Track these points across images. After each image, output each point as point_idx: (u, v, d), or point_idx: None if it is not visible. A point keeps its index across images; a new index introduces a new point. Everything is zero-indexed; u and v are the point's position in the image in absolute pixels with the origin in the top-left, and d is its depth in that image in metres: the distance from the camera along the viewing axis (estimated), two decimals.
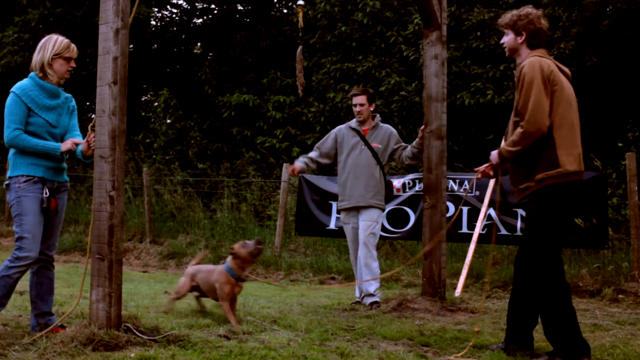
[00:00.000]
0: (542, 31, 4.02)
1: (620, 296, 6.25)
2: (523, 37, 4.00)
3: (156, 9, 16.60)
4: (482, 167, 4.35)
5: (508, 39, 4.09)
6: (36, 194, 4.00)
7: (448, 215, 6.93)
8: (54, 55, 4.11)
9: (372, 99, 6.02)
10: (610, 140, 10.18)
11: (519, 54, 4.06)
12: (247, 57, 14.18)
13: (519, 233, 6.84)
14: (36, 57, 4.13)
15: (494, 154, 4.08)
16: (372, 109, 5.98)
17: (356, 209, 5.86)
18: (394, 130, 6.03)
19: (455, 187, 7.24)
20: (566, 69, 4.03)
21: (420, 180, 7.30)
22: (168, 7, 17.32)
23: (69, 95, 4.40)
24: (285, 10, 16.00)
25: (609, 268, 6.76)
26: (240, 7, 16.74)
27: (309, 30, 12.95)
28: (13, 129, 3.99)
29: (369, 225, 5.79)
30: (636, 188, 6.75)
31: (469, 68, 10.82)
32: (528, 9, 4.06)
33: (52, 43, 4.13)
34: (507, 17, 4.10)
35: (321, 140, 6.17)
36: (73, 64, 4.24)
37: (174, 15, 17.71)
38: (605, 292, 6.30)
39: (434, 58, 5.80)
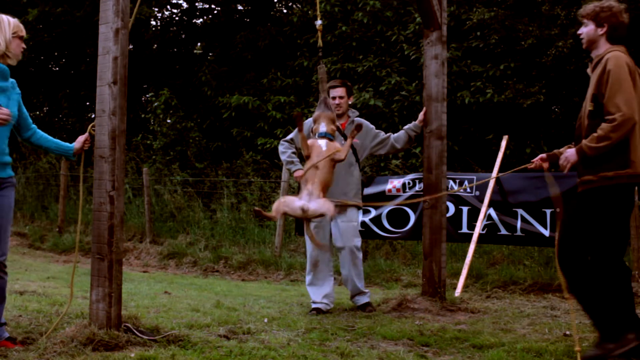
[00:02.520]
0: (623, 25, 3.92)
1: None
2: (604, 30, 3.90)
3: (156, 9, 16.61)
4: (536, 160, 4.27)
5: (587, 30, 3.96)
6: None
7: (448, 215, 6.93)
8: (12, 34, 3.80)
9: (351, 91, 5.79)
10: None
11: (597, 47, 3.95)
12: (247, 54, 14.18)
13: (519, 233, 6.84)
14: None
15: (571, 152, 3.85)
16: (350, 102, 5.76)
17: None
18: (369, 124, 5.79)
19: (455, 187, 7.24)
20: (634, 66, 3.91)
21: (420, 180, 7.30)
22: (168, 7, 17.33)
23: (14, 80, 3.96)
24: (285, 10, 16.00)
25: None
26: (240, 7, 16.75)
27: (309, 30, 12.95)
28: None
29: (352, 227, 5.55)
30: (636, 188, 6.74)
31: (469, 67, 10.83)
32: (611, 2, 3.95)
33: (7, 22, 3.81)
34: (589, 7, 3.97)
35: (293, 133, 5.78)
36: (24, 44, 3.91)
37: (174, 15, 17.72)
38: None
39: (434, 58, 5.80)
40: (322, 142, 4.55)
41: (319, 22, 4.95)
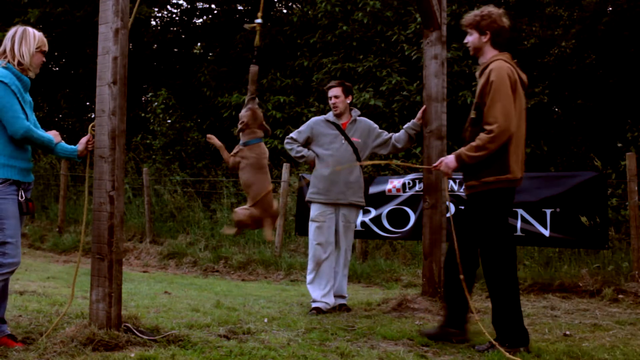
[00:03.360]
0: (505, 29, 4.18)
1: (620, 296, 6.25)
2: (487, 36, 4.14)
3: (156, 9, 16.61)
4: (438, 163, 4.47)
5: (472, 38, 4.21)
6: (14, 197, 3.80)
7: (448, 215, 6.93)
8: (35, 48, 3.90)
9: (349, 91, 5.79)
10: (610, 140, 10.18)
11: (483, 53, 4.19)
12: (246, 54, 14.18)
13: (519, 233, 6.83)
14: (21, 48, 3.86)
15: (451, 159, 4.14)
16: (348, 102, 5.76)
17: (334, 206, 5.62)
18: (373, 124, 5.83)
19: (456, 187, 7.24)
20: (524, 76, 4.17)
21: (420, 180, 7.30)
22: (168, 7, 17.33)
23: None
24: (285, 10, 16.00)
25: (609, 268, 6.76)
26: (240, 7, 16.75)
27: (309, 30, 12.95)
28: (23, 119, 3.75)
29: (350, 229, 5.70)
30: (636, 188, 6.74)
31: (469, 68, 10.83)
32: (490, 8, 4.20)
33: (33, 36, 3.91)
34: (470, 17, 4.24)
35: (298, 131, 5.87)
36: (44, 58, 4.03)
37: (174, 15, 17.72)
38: (605, 292, 6.29)
39: (433, 58, 5.80)
40: None
41: (258, 21, 4.93)
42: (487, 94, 3.96)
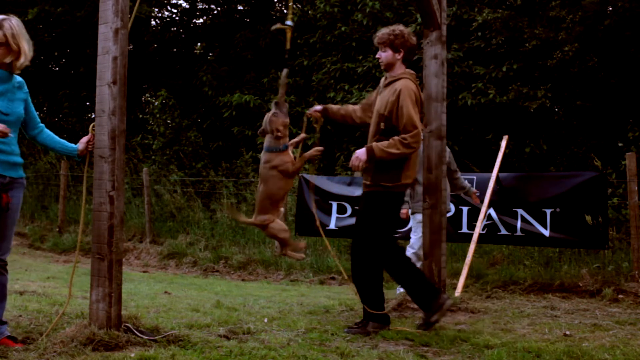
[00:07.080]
0: (414, 47, 4.62)
1: (620, 296, 6.25)
2: (401, 54, 4.56)
3: (156, 9, 16.61)
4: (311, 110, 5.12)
5: (386, 55, 4.58)
6: None
7: (448, 215, 6.93)
8: None
9: None
10: (610, 140, 10.18)
11: (394, 69, 4.60)
12: (246, 53, 14.18)
13: (519, 233, 6.84)
14: None
15: (362, 152, 4.45)
16: None
17: None
18: None
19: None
20: (420, 93, 4.63)
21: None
22: (168, 7, 17.34)
23: (22, 80, 3.89)
24: (285, 10, 16.00)
25: (609, 268, 6.76)
26: (240, 7, 16.75)
27: (309, 30, 12.95)
28: None
29: None
30: (636, 188, 6.74)
31: (470, 68, 10.82)
32: (401, 27, 4.59)
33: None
34: (385, 35, 4.56)
35: None
36: (8, 51, 3.77)
37: (174, 15, 17.72)
38: (605, 292, 6.29)
39: (433, 58, 5.79)
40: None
41: (288, 22, 4.95)
42: (396, 109, 4.37)
